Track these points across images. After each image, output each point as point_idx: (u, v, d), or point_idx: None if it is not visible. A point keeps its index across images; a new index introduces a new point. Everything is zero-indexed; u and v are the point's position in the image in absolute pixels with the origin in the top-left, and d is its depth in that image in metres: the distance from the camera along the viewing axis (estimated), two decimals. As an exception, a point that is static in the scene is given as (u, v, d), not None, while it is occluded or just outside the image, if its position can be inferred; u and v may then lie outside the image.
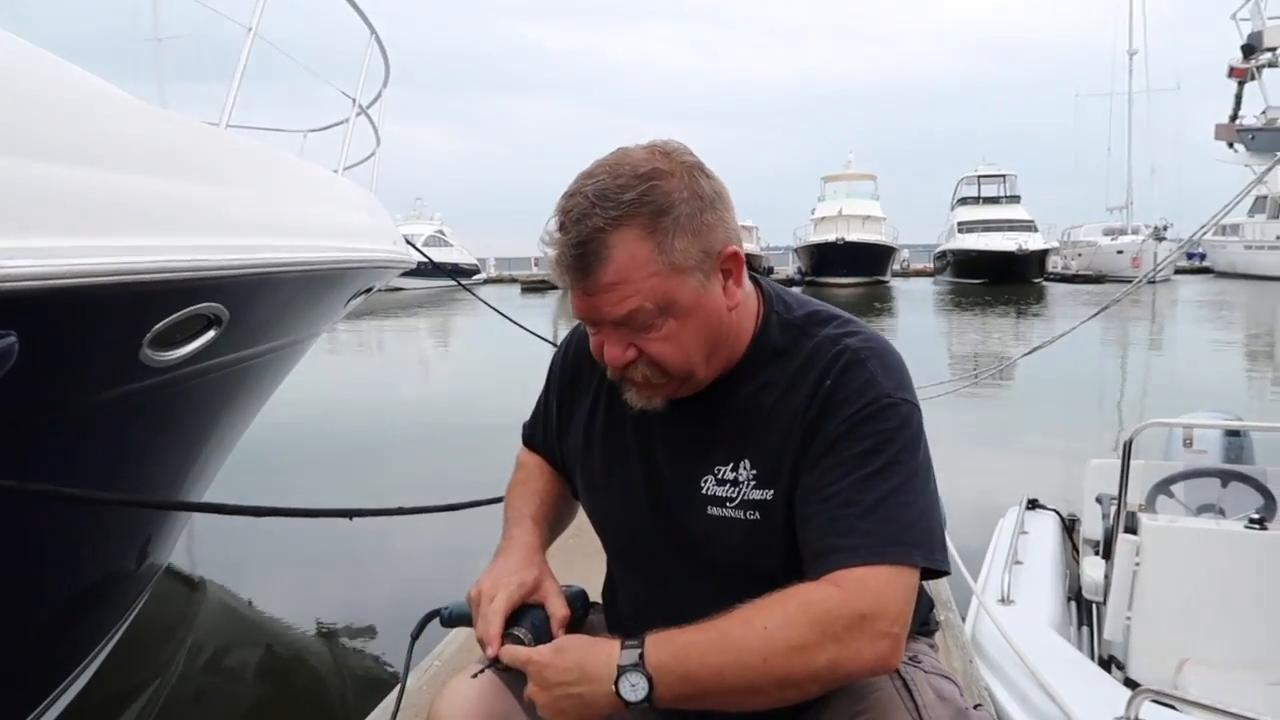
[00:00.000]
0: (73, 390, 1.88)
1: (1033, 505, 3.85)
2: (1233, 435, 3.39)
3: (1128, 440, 2.93)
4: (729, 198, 1.13)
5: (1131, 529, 2.68)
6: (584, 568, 1.49)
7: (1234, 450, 3.37)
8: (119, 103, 2.03)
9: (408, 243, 4.37)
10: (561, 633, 1.15)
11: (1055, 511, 3.83)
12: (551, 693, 1.05)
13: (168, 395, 2.24)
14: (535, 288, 38.02)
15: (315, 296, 3.05)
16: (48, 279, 1.56)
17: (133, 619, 3.17)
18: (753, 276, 1.20)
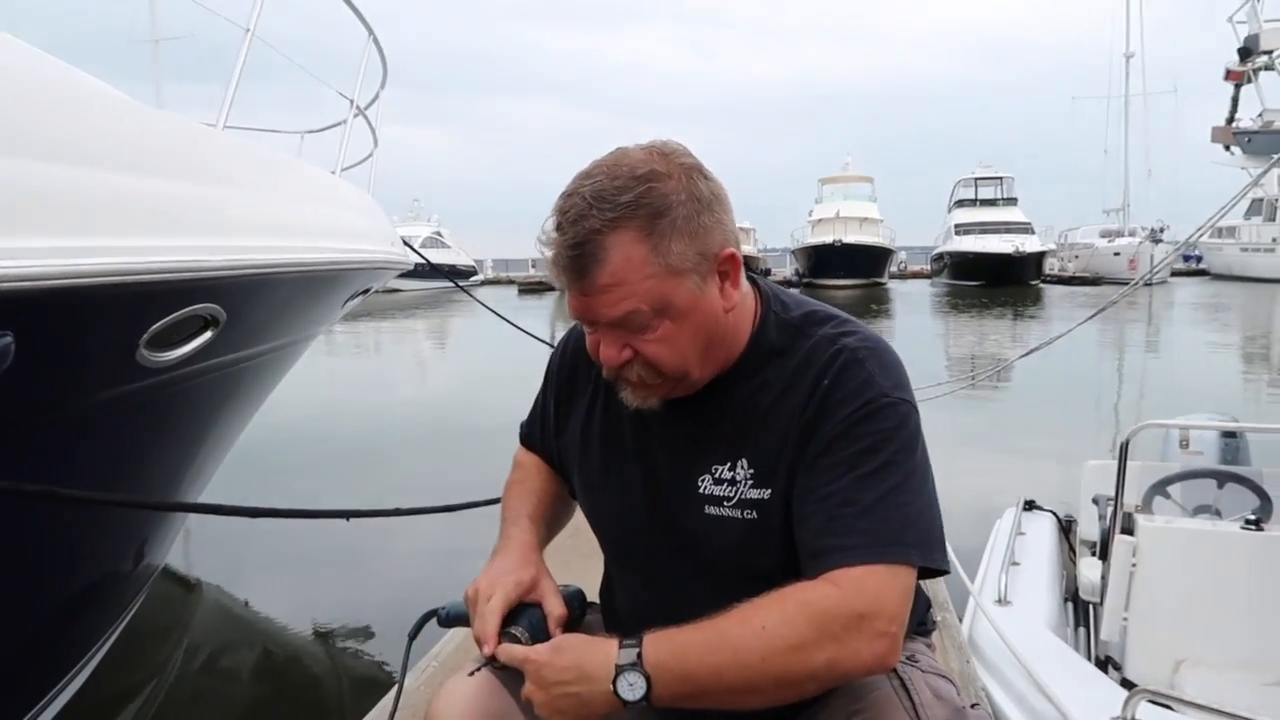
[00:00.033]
0: (69, 391, 1.88)
1: (1030, 506, 3.86)
2: (1229, 437, 3.40)
3: (1124, 441, 2.93)
4: (727, 199, 1.12)
5: (1128, 530, 2.68)
6: (581, 568, 1.49)
7: (1230, 451, 3.39)
8: (116, 103, 2.03)
9: (405, 244, 4.37)
10: (559, 632, 1.15)
11: (1052, 512, 3.83)
12: (549, 691, 1.05)
13: (165, 396, 2.23)
14: (533, 289, 38.02)
15: (312, 297, 3.04)
16: (44, 279, 1.56)
17: (129, 620, 3.16)
18: (750, 277, 1.20)
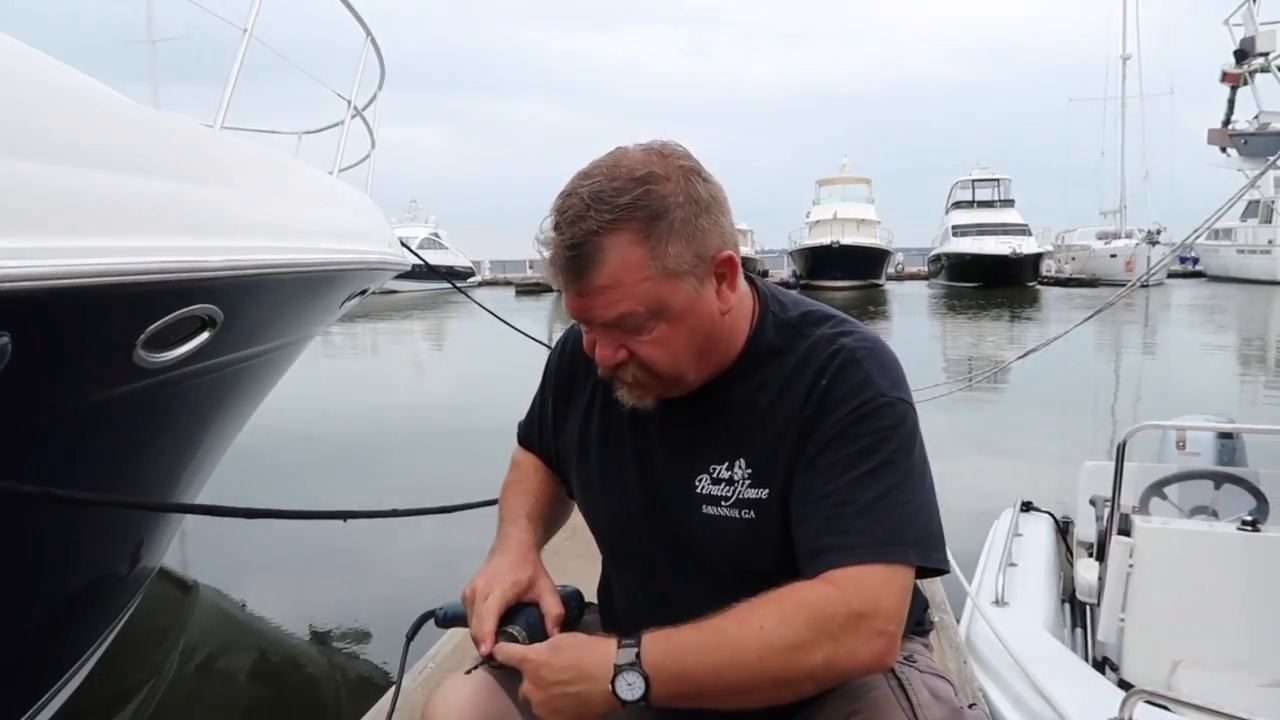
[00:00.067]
0: (66, 391, 1.88)
1: (1027, 507, 3.86)
2: (1225, 438, 3.41)
3: (1121, 443, 2.93)
4: (726, 201, 1.12)
5: (1125, 531, 2.68)
6: (579, 568, 1.48)
7: (1227, 453, 3.39)
8: (113, 104, 2.03)
9: (403, 245, 4.37)
10: (556, 631, 1.15)
11: (1049, 514, 3.84)
12: (547, 691, 1.04)
13: (162, 397, 2.23)
14: (530, 290, 38.01)
15: (310, 298, 3.04)
16: (42, 280, 1.56)
17: (126, 621, 3.16)
18: (748, 277, 1.20)
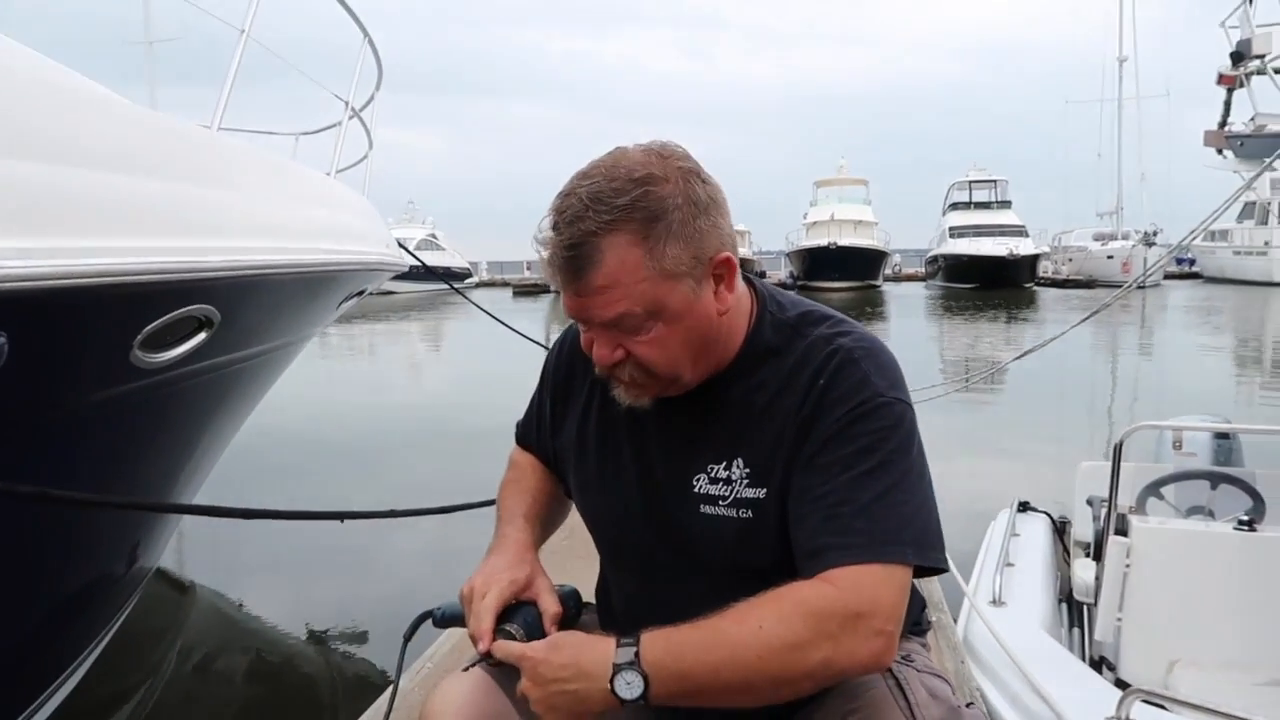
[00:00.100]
0: (63, 392, 1.87)
1: (1024, 508, 3.87)
2: (1222, 438, 3.41)
3: (1118, 443, 2.94)
4: (725, 202, 1.12)
5: (1122, 531, 2.69)
6: (576, 568, 1.48)
7: (1223, 453, 3.40)
8: (111, 105, 2.03)
9: (400, 246, 4.37)
10: (554, 630, 1.15)
11: (1046, 514, 3.84)
12: (546, 689, 1.04)
13: (159, 397, 2.23)
14: (528, 291, 38.02)
15: (307, 299, 3.04)
16: (39, 280, 1.56)
17: (123, 622, 3.16)
18: (746, 277, 1.20)
